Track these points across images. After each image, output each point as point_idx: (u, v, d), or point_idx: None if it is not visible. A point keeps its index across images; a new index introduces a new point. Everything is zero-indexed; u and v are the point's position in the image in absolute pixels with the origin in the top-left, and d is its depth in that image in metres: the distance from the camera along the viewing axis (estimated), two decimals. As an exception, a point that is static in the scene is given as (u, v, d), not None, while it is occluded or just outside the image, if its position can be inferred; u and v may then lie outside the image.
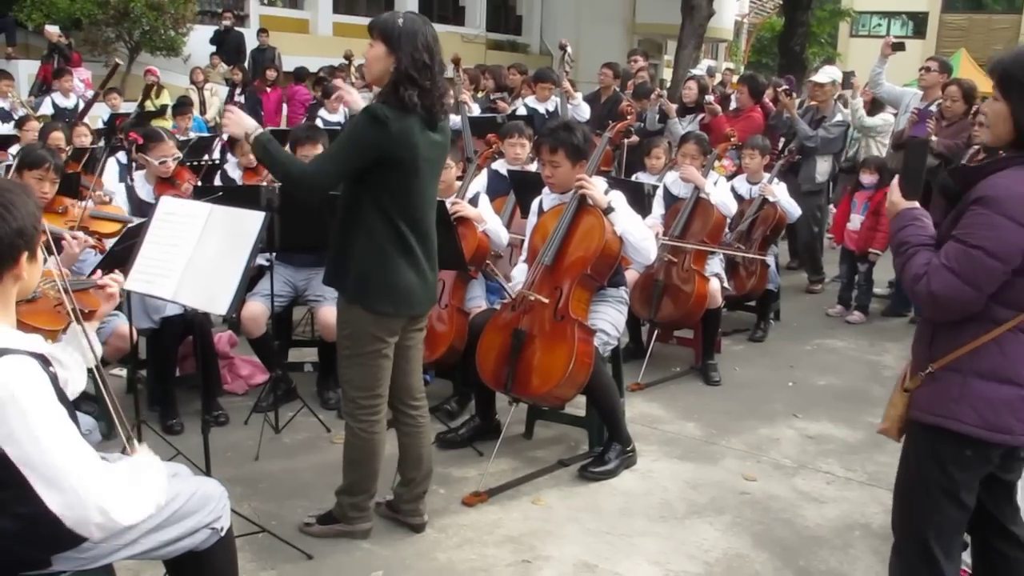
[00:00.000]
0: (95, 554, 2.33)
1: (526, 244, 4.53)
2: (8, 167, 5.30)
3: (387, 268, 3.26)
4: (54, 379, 2.18)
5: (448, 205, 4.54)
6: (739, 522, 3.88)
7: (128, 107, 10.17)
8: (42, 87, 10.95)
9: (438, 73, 3.23)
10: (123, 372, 5.02)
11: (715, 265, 5.87)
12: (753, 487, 4.22)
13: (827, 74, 7.99)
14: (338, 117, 9.25)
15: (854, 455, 4.61)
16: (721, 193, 5.79)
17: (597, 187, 4.20)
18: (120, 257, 3.79)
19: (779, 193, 6.56)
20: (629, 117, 6.28)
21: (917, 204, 2.59)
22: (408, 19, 3.22)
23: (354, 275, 3.29)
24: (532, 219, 4.53)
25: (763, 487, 4.22)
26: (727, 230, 6.08)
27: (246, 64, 14.31)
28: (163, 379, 4.75)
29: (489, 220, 4.86)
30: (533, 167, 5.81)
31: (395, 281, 3.27)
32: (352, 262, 3.28)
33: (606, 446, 4.33)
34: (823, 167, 7.88)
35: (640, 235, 4.21)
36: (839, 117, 7.83)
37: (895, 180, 2.64)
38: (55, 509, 2.03)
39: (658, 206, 5.98)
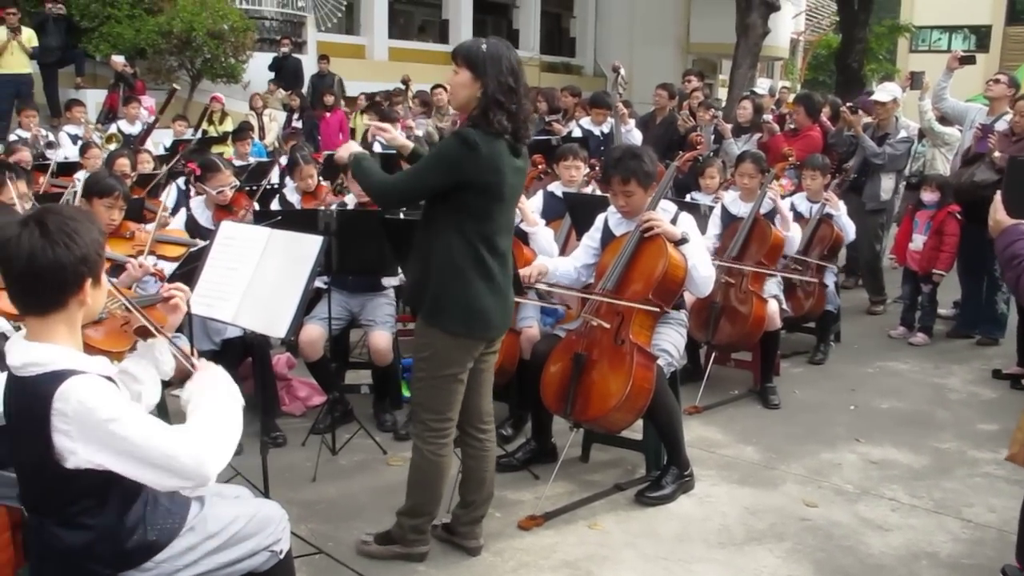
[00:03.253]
0: (157, 573, 2.36)
1: (583, 252, 4.52)
2: (75, 193, 5.45)
3: (465, 290, 3.27)
4: None
5: None
6: (800, 549, 3.80)
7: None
8: (108, 115, 11.27)
9: (523, 96, 3.27)
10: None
11: (773, 286, 5.79)
12: (814, 513, 4.13)
13: (888, 92, 7.87)
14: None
15: (919, 481, 4.50)
16: (795, 232, 5.77)
17: (665, 222, 4.19)
18: (182, 281, 3.85)
19: (839, 209, 6.48)
20: (699, 147, 6.24)
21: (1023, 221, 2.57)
22: (491, 44, 3.25)
23: (432, 296, 3.31)
24: (595, 234, 4.51)
25: (824, 513, 4.13)
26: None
27: (304, 90, 14.55)
28: (223, 400, 4.80)
29: (540, 229, 4.90)
30: (588, 189, 5.81)
31: (472, 303, 3.28)
32: (431, 283, 3.30)
33: (663, 470, 4.28)
34: (887, 184, 7.76)
35: (706, 272, 4.22)
36: (903, 133, 7.71)
37: (997, 198, 2.61)
38: (167, 486, 2.21)
39: (714, 226, 5.92)
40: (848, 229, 6.50)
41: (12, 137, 8.92)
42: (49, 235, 2.14)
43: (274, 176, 7.89)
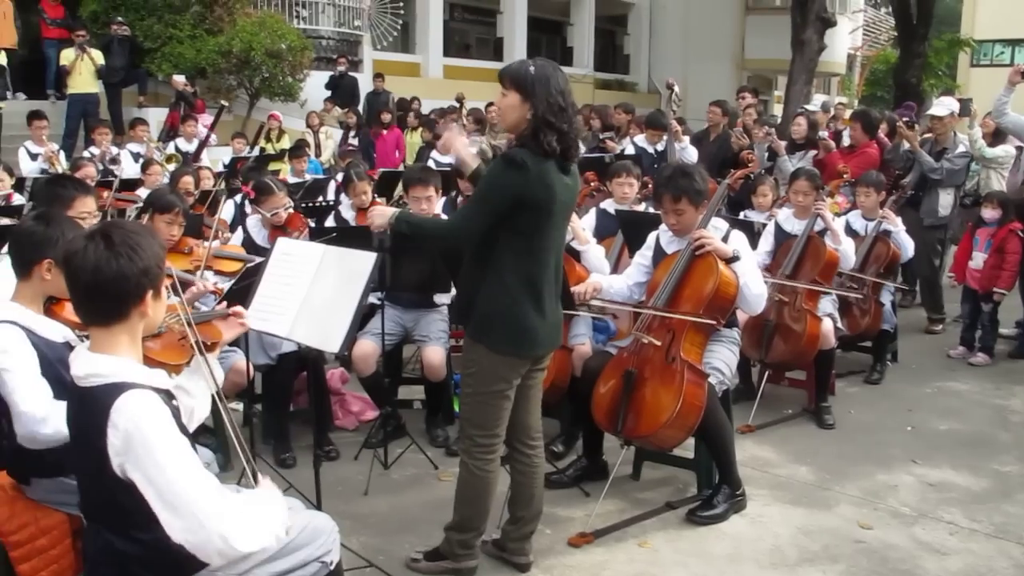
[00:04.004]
0: (211, 582, 2.40)
1: (635, 270, 4.53)
2: (139, 209, 5.60)
3: (513, 309, 3.29)
4: (176, 412, 2.31)
5: None
6: (854, 571, 3.74)
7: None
8: (169, 133, 11.54)
9: (572, 116, 3.28)
10: (239, 406, 5.19)
11: (827, 304, 5.72)
12: (869, 535, 4.07)
13: (945, 106, 7.76)
14: (449, 159, 9.40)
15: (979, 504, 4.40)
16: (848, 247, 5.70)
17: (716, 240, 4.17)
18: (238, 296, 3.94)
19: (897, 226, 6.40)
20: (751, 164, 6.24)
21: None
22: (539, 65, 3.27)
23: (479, 313, 3.33)
24: (647, 252, 4.52)
25: (880, 536, 4.06)
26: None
27: (360, 107, 14.75)
28: (278, 414, 4.89)
29: (590, 247, 4.91)
30: (641, 207, 5.80)
31: (519, 322, 3.30)
32: (479, 300, 3.32)
33: (715, 489, 4.25)
34: (946, 200, 7.63)
35: (758, 290, 4.18)
36: (961, 148, 7.58)
37: None
38: (176, 536, 2.15)
39: (765, 243, 5.87)
40: (906, 246, 6.40)
41: (85, 154, 9.20)
42: (113, 247, 2.22)
43: (330, 193, 8.01)
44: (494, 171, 3.28)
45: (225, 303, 3.87)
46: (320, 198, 7.70)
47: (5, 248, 5.30)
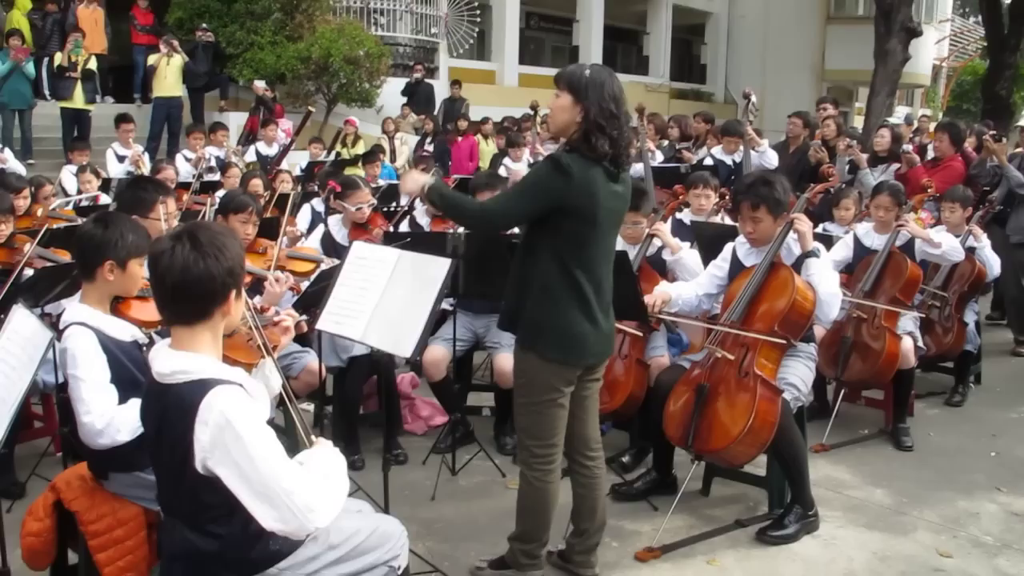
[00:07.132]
0: (280, 581, 2.43)
1: (708, 280, 4.48)
2: (215, 212, 5.71)
3: (560, 316, 3.26)
4: None
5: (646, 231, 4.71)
6: (933, 600, 3.62)
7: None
8: (248, 137, 11.78)
9: (624, 123, 3.25)
10: (311, 407, 5.26)
11: (908, 323, 5.55)
12: (948, 564, 3.92)
13: (1035, 119, 7.49)
14: (521, 165, 9.44)
15: (1067, 536, 4.22)
16: (948, 239, 5.56)
17: (808, 228, 4.13)
18: (314, 298, 4.00)
19: (982, 242, 6.20)
20: (831, 179, 6.10)
21: None
22: (594, 70, 3.26)
23: (527, 321, 3.31)
24: (723, 264, 4.46)
25: (960, 565, 3.92)
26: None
27: (436, 114, 14.87)
28: (348, 416, 4.93)
29: (684, 252, 4.86)
30: (717, 218, 5.72)
31: (568, 329, 3.27)
32: (526, 308, 3.31)
33: (786, 509, 4.15)
34: None
35: (829, 291, 4.07)
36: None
37: None
38: (269, 524, 2.19)
39: (838, 252, 5.69)
40: (992, 264, 6.19)
41: (179, 157, 9.47)
42: (200, 248, 2.26)
43: (403, 198, 8.07)
44: (540, 171, 3.25)
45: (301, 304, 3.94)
46: (393, 203, 7.76)
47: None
